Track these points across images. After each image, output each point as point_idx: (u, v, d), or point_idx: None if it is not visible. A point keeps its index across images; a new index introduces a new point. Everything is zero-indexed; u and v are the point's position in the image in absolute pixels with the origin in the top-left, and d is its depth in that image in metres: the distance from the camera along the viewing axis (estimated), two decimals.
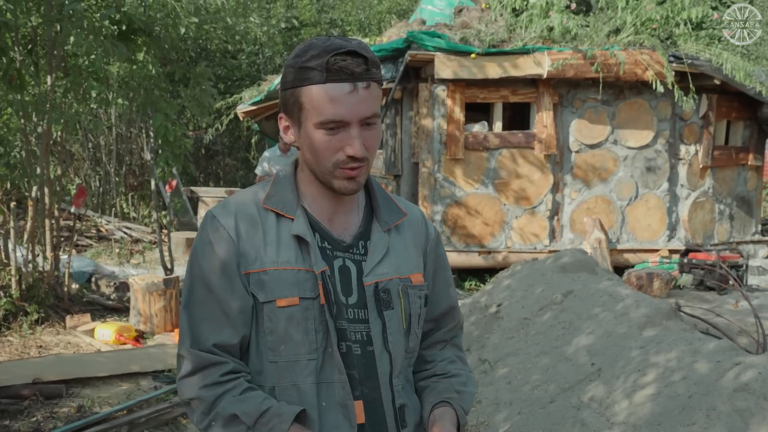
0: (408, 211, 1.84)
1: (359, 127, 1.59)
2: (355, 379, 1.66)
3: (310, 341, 1.63)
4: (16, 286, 7.67)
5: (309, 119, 1.60)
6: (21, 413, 5.38)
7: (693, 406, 3.89)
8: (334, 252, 1.70)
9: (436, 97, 10.44)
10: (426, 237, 1.86)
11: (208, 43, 17.94)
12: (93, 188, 16.21)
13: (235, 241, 1.64)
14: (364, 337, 1.68)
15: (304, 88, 1.59)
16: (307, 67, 1.58)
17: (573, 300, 5.99)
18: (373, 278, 1.69)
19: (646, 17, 10.17)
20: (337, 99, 1.56)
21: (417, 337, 1.79)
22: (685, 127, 10.94)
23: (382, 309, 1.69)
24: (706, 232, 11.31)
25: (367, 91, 1.59)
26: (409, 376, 1.81)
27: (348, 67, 1.56)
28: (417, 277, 1.78)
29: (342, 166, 1.61)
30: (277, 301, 1.62)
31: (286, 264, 1.64)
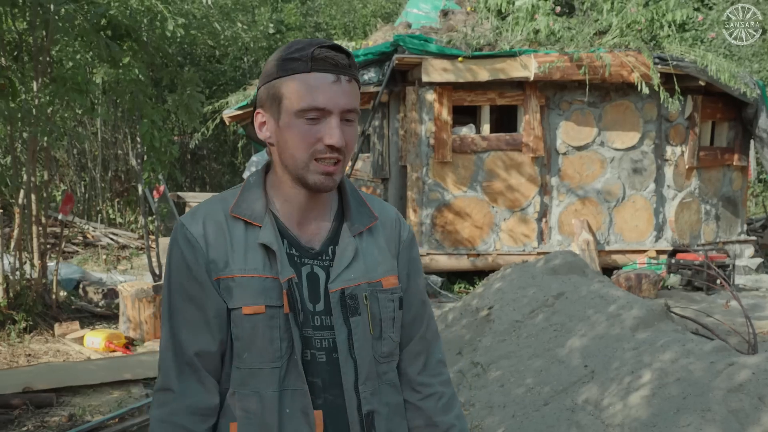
0: (381, 213, 1.83)
1: (339, 119, 1.60)
2: (318, 387, 1.66)
3: (275, 349, 1.63)
4: (3, 294, 7.62)
5: (290, 108, 1.60)
6: (11, 423, 5.34)
7: (688, 408, 3.91)
8: (302, 259, 1.69)
9: (424, 100, 10.45)
10: (399, 238, 1.85)
11: (194, 47, 17.89)
12: (79, 194, 16.12)
13: (203, 249, 1.65)
14: (330, 344, 1.67)
15: (286, 78, 1.59)
16: (292, 58, 1.59)
17: (564, 302, 6.00)
18: (339, 284, 1.68)
19: (632, 19, 10.22)
20: (320, 87, 1.57)
21: (393, 341, 1.78)
22: (671, 129, 11.01)
23: (349, 315, 1.68)
24: (693, 233, 11.38)
25: (350, 84, 1.61)
26: (392, 380, 1.80)
27: (333, 57, 1.58)
28: (389, 280, 1.77)
29: (319, 156, 1.61)
30: (243, 308, 1.62)
31: (254, 271, 1.63)
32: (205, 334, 1.65)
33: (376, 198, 1.88)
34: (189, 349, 1.66)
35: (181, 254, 1.66)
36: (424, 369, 1.89)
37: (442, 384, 1.90)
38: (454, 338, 6.69)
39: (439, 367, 1.92)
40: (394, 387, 1.81)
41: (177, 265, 1.67)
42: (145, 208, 15.34)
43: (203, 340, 1.65)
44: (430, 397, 1.88)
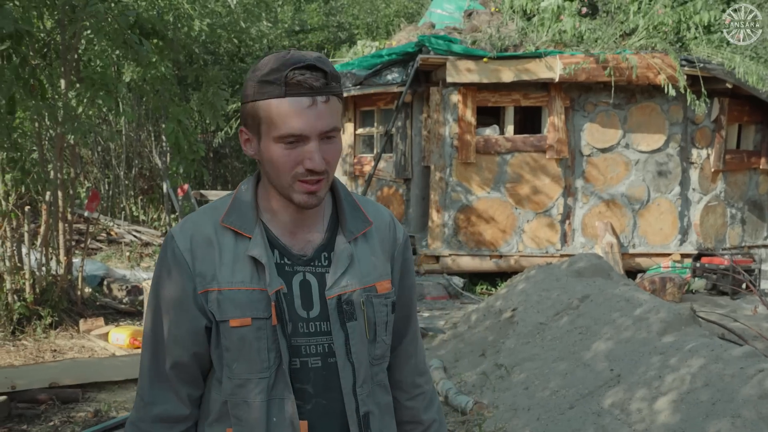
0: (376, 217, 1.82)
1: (318, 141, 1.58)
2: (308, 393, 1.67)
3: (262, 360, 1.64)
4: (29, 290, 7.68)
5: (268, 133, 1.59)
6: (38, 418, 5.38)
7: (717, 413, 3.87)
8: (294, 267, 1.69)
9: (448, 101, 10.44)
10: (394, 241, 1.84)
11: (218, 46, 17.97)
12: (103, 192, 16.24)
13: (189, 264, 1.66)
14: (325, 349, 1.68)
15: (262, 102, 1.57)
16: (266, 81, 1.57)
17: (589, 305, 5.96)
18: (336, 291, 1.68)
19: (659, 21, 10.15)
20: (295, 113, 1.55)
21: (385, 344, 1.79)
22: (696, 131, 10.93)
23: (345, 321, 1.68)
24: (718, 236, 11.28)
25: (327, 105, 1.58)
26: (382, 380, 1.81)
27: (306, 81, 1.55)
28: (383, 285, 1.76)
29: (301, 179, 1.60)
30: (231, 321, 1.63)
31: (241, 284, 1.63)
32: (179, 346, 1.68)
33: (369, 200, 1.88)
34: (164, 359, 1.69)
35: (166, 268, 1.69)
36: (414, 369, 1.92)
37: (426, 382, 1.95)
38: (478, 339, 6.67)
39: (424, 366, 1.96)
40: (384, 387, 1.82)
41: (163, 278, 1.70)
42: (168, 206, 15.44)
43: (178, 352, 1.68)
44: (418, 397, 1.91)
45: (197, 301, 1.66)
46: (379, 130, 11.76)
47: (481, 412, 5.19)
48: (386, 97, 11.37)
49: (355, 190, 12.15)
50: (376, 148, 11.79)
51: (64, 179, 8.05)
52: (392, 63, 11.04)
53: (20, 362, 6.64)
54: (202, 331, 1.67)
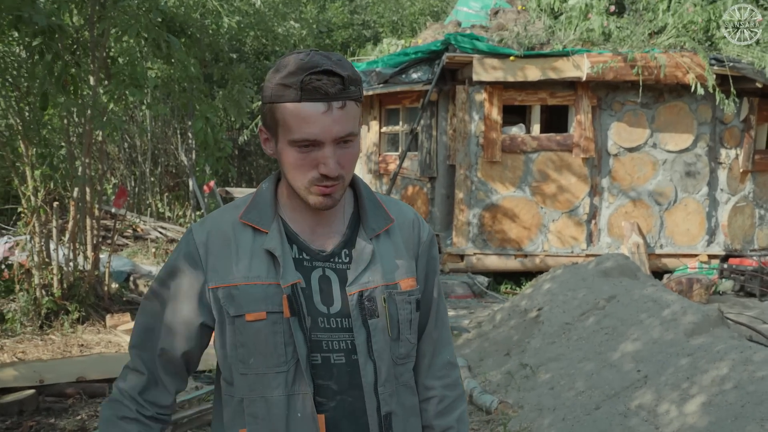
0: (398, 215, 1.81)
1: (333, 146, 1.58)
2: (331, 390, 1.66)
3: (279, 354, 1.63)
4: (57, 285, 7.75)
5: (284, 136, 1.59)
6: (65, 411, 5.43)
7: (746, 416, 3.83)
8: (313, 262, 1.69)
9: (474, 99, 10.40)
10: (418, 239, 1.83)
11: (243, 44, 18.05)
12: (129, 188, 16.37)
13: (203, 258, 1.67)
14: (348, 346, 1.67)
15: (280, 105, 1.58)
16: (284, 84, 1.57)
17: (616, 305, 5.92)
18: (356, 287, 1.68)
19: (688, 19, 10.05)
20: (310, 118, 1.55)
21: (410, 342, 1.77)
22: (725, 131, 10.81)
23: (367, 318, 1.68)
24: (746, 237, 11.16)
25: (342, 110, 1.57)
26: (408, 381, 1.79)
27: (322, 86, 1.54)
28: (407, 282, 1.76)
29: (316, 184, 1.60)
30: (246, 315, 1.63)
31: (257, 279, 1.64)
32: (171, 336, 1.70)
33: (392, 199, 1.87)
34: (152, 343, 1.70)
35: (179, 258, 1.71)
36: (428, 370, 1.88)
37: (445, 387, 1.88)
38: (503, 339, 6.64)
39: (446, 370, 1.90)
40: (410, 388, 1.80)
41: (172, 266, 1.71)
42: (194, 203, 15.52)
43: (169, 340, 1.70)
44: (429, 401, 1.87)
45: (203, 295, 1.67)
46: (405, 128, 11.75)
47: (505, 411, 5.17)
48: (412, 96, 11.36)
49: (379, 188, 12.15)
50: (401, 146, 11.78)
51: (91, 175, 8.12)
52: (418, 61, 11.03)
53: (48, 356, 6.71)
54: (196, 326, 1.69)
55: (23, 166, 7.70)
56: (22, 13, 5.45)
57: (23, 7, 5.46)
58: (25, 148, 7.57)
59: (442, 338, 1.91)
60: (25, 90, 7.64)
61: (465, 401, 1.94)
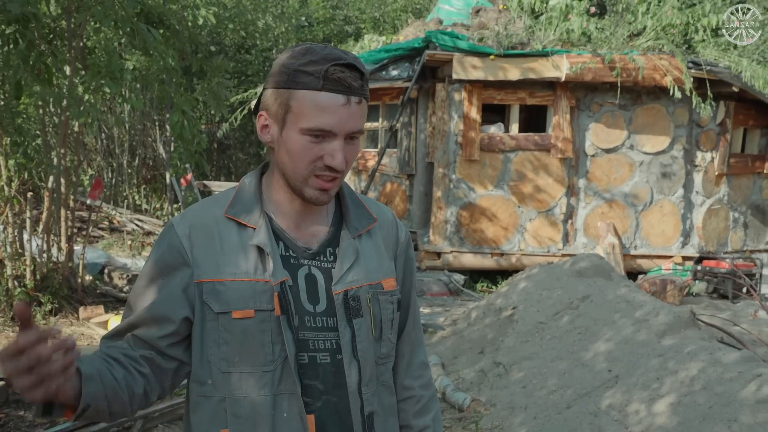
0: (379, 215, 1.81)
1: (343, 140, 1.58)
2: (317, 390, 1.64)
3: (266, 353, 1.60)
4: (30, 277, 7.68)
5: (295, 122, 1.57)
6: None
7: (714, 417, 3.87)
8: (300, 260, 1.67)
9: (453, 97, 10.42)
10: (396, 240, 1.84)
11: (223, 37, 17.97)
12: (106, 180, 16.24)
13: (188, 251, 1.63)
14: (333, 346, 1.65)
15: (296, 91, 1.56)
16: (304, 71, 1.55)
17: (590, 305, 5.96)
18: (342, 286, 1.66)
19: (667, 22, 10.12)
20: (329, 108, 1.54)
21: (391, 342, 1.77)
22: (701, 134, 10.91)
23: (352, 317, 1.67)
24: (720, 240, 11.26)
25: (359, 106, 1.58)
26: (387, 380, 1.79)
27: (346, 79, 1.55)
28: (389, 282, 1.75)
29: (318, 174, 1.59)
30: (233, 312, 1.60)
31: (244, 275, 1.61)
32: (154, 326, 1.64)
33: (371, 199, 1.87)
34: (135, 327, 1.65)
35: (161, 254, 1.66)
36: (406, 371, 1.88)
37: (421, 387, 1.89)
38: (477, 337, 6.66)
39: (421, 370, 1.91)
40: (389, 388, 1.80)
41: (154, 263, 1.67)
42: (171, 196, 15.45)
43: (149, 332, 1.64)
44: (407, 401, 1.88)
45: (188, 289, 1.63)
46: (384, 125, 11.75)
47: (478, 409, 5.19)
48: (392, 92, 11.35)
49: (358, 184, 12.14)
50: (380, 143, 11.78)
51: (67, 166, 8.05)
52: (399, 58, 11.02)
53: None
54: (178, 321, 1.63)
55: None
56: None
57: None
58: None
59: (417, 339, 1.92)
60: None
61: (438, 401, 1.95)
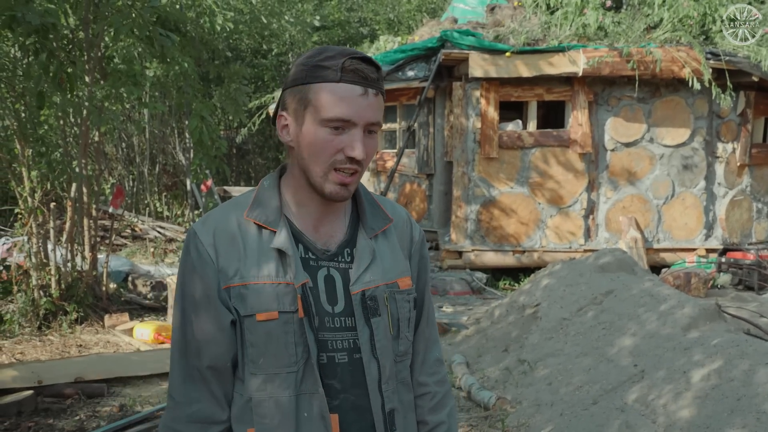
0: (394, 215, 1.84)
1: (363, 132, 1.60)
2: (335, 389, 1.66)
3: (290, 354, 1.63)
4: (55, 286, 7.75)
5: (315, 115, 1.60)
6: (64, 412, 5.43)
7: (742, 409, 3.83)
8: (319, 262, 1.69)
9: (470, 95, 10.40)
10: (411, 239, 1.86)
11: (239, 42, 18.04)
12: (127, 188, 16.36)
13: (213, 259, 1.65)
14: (351, 345, 1.67)
15: (315, 85, 1.59)
16: (322, 65, 1.59)
17: (614, 300, 5.93)
18: (359, 286, 1.69)
19: (684, 14, 10.05)
20: (348, 99, 1.57)
21: (408, 340, 1.79)
22: (722, 125, 10.81)
23: (370, 316, 1.69)
24: (744, 231, 11.16)
25: (376, 98, 1.61)
26: (405, 378, 1.81)
27: (363, 70, 1.58)
28: (405, 281, 1.78)
29: (339, 167, 1.61)
30: (257, 315, 1.62)
31: (267, 278, 1.63)
32: (214, 345, 1.66)
33: (386, 199, 1.89)
34: (196, 358, 1.67)
35: (192, 264, 1.67)
36: (421, 367, 1.90)
37: (436, 383, 1.91)
38: (501, 335, 6.65)
39: (436, 366, 1.93)
40: (407, 385, 1.82)
41: (188, 275, 1.68)
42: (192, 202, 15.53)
43: (213, 350, 1.66)
44: (423, 397, 1.89)
45: (221, 296, 1.65)
46: (402, 125, 11.75)
47: (503, 407, 5.18)
48: (408, 93, 11.35)
49: (377, 185, 12.15)
50: (398, 143, 11.78)
51: (89, 176, 8.11)
52: (414, 58, 11.02)
53: (46, 357, 6.71)
54: (230, 327, 1.66)
55: (20, 166, 7.69)
56: (15, 12, 5.45)
57: (16, 7, 5.46)
58: (21, 148, 7.56)
59: (432, 336, 1.94)
60: (20, 90, 7.63)
61: (453, 397, 1.96)
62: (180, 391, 1.69)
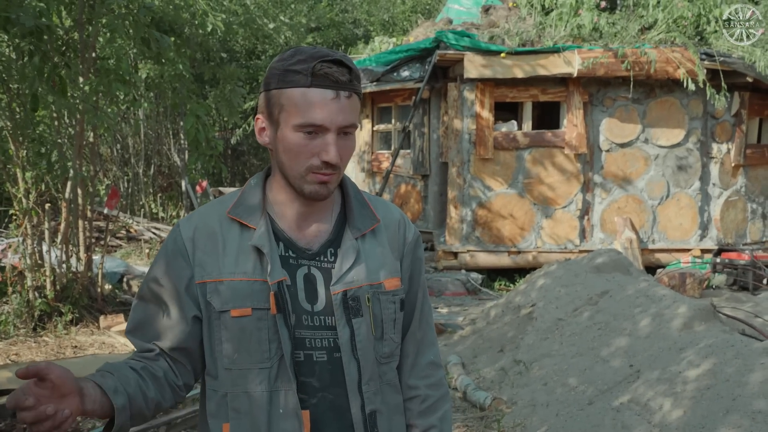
0: (384, 215, 1.83)
1: (336, 135, 1.61)
2: (313, 387, 1.67)
3: (263, 350, 1.64)
4: (50, 287, 7.72)
5: (288, 121, 1.60)
6: None
7: (738, 409, 3.84)
8: (299, 260, 1.70)
9: (465, 96, 10.41)
10: (404, 239, 1.85)
11: (234, 43, 18.03)
12: (122, 189, 16.33)
13: (189, 251, 1.68)
14: (331, 344, 1.67)
15: (287, 90, 1.60)
16: (293, 70, 1.59)
17: (609, 301, 5.94)
18: (341, 286, 1.69)
19: (678, 14, 10.07)
20: (319, 104, 1.58)
21: (394, 342, 1.79)
22: (716, 126, 10.84)
23: (351, 317, 1.69)
24: (739, 232, 11.19)
25: (349, 100, 1.61)
26: (391, 380, 1.80)
27: (333, 74, 1.58)
28: (392, 282, 1.77)
29: (315, 171, 1.62)
30: (231, 311, 1.64)
31: (243, 275, 1.65)
32: (165, 332, 1.69)
33: (379, 199, 1.89)
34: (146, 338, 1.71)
35: (166, 252, 1.71)
36: (411, 370, 1.88)
37: (428, 387, 1.89)
38: (496, 335, 6.66)
39: (429, 370, 1.91)
40: (394, 387, 1.82)
41: (159, 264, 1.72)
42: (187, 203, 15.50)
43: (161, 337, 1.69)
44: (412, 400, 1.88)
45: (192, 290, 1.67)
46: (397, 126, 11.76)
47: (499, 407, 5.18)
48: (403, 94, 11.36)
49: (372, 186, 12.15)
50: (393, 144, 11.79)
51: (84, 177, 8.10)
52: (409, 59, 11.03)
53: (42, 358, 6.69)
54: (190, 321, 1.68)
55: (14, 167, 7.68)
56: (10, 14, 5.44)
57: (10, 9, 5.45)
58: (16, 149, 7.54)
59: (426, 339, 1.92)
60: (15, 91, 7.61)
61: (449, 401, 1.94)
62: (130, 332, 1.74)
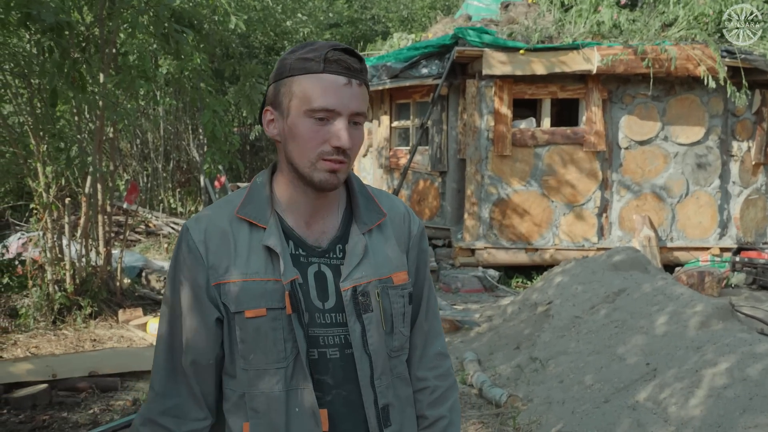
0: (390, 209, 1.84)
1: (347, 121, 1.61)
2: (328, 384, 1.67)
3: (279, 350, 1.64)
4: (70, 281, 7.79)
5: (299, 107, 1.61)
6: (78, 405, 5.47)
7: (755, 408, 3.82)
8: (309, 258, 1.70)
9: (484, 93, 10.39)
10: (409, 232, 1.85)
11: (253, 39, 18.07)
12: (141, 184, 16.44)
13: (203, 256, 1.66)
14: (342, 341, 1.68)
15: (299, 77, 1.61)
16: (305, 58, 1.61)
17: (626, 299, 5.91)
18: (350, 283, 1.69)
19: (699, 12, 9.99)
20: (331, 89, 1.59)
21: (404, 335, 1.79)
22: (737, 123, 10.75)
23: (361, 312, 1.69)
24: (759, 230, 11.10)
25: (360, 89, 1.62)
26: (402, 372, 1.81)
27: (346, 60, 1.60)
28: (399, 276, 1.77)
29: (326, 158, 1.62)
30: (245, 312, 1.63)
31: (255, 275, 1.64)
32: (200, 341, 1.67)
33: (384, 192, 1.89)
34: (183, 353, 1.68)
35: (182, 260, 1.69)
36: (420, 362, 1.89)
37: (437, 378, 1.90)
38: (513, 333, 6.65)
39: (437, 360, 1.92)
40: (405, 380, 1.82)
41: (179, 271, 1.70)
42: (205, 198, 15.57)
43: (198, 348, 1.68)
44: (422, 391, 1.89)
45: (210, 293, 1.66)
46: (415, 122, 11.75)
47: (515, 405, 5.18)
48: (422, 90, 11.35)
49: (390, 182, 12.16)
50: (411, 140, 11.78)
51: (103, 172, 8.16)
52: (428, 55, 11.01)
53: (61, 351, 6.76)
54: (214, 325, 1.67)
55: (35, 162, 7.75)
56: (31, 10, 5.48)
57: (32, 5, 5.50)
58: (37, 144, 7.61)
59: (432, 330, 1.93)
60: (36, 86, 7.68)
61: (457, 390, 1.95)
62: (161, 383, 1.70)
